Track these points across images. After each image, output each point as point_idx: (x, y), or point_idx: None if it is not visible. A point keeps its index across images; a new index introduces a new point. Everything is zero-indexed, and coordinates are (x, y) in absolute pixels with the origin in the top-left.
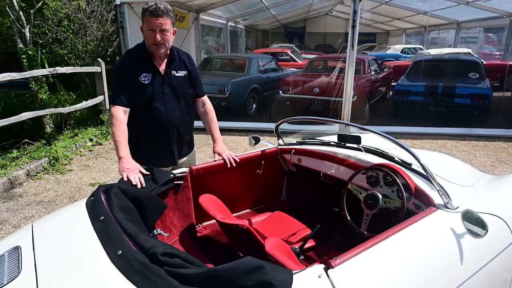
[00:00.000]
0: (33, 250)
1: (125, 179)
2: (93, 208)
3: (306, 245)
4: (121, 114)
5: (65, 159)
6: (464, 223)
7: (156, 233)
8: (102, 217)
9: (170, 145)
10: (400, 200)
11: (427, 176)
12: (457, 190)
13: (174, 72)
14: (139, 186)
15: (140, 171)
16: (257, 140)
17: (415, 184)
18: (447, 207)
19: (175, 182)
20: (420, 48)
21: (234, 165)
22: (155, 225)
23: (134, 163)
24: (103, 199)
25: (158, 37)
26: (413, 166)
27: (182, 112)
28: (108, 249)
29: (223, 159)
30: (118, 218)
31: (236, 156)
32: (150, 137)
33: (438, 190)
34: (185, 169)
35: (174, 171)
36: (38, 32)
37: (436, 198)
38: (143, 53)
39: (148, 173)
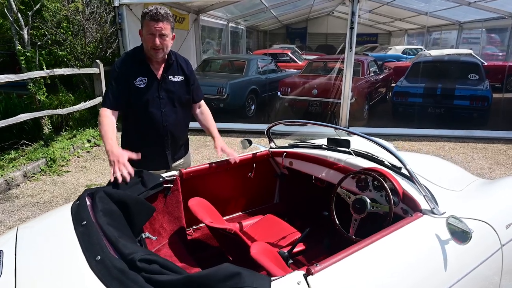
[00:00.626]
0: (15, 254)
1: (112, 178)
2: (77, 213)
3: (296, 249)
4: (108, 114)
5: (63, 160)
6: (449, 229)
7: (144, 236)
8: (85, 222)
9: (164, 149)
10: (388, 204)
11: (412, 180)
12: (446, 195)
13: (171, 77)
14: (120, 180)
15: (128, 168)
16: (249, 143)
17: (403, 189)
18: (433, 213)
19: (164, 185)
20: (421, 49)
21: (237, 161)
22: (143, 228)
23: (120, 151)
24: (87, 204)
25: (157, 41)
26: (402, 170)
27: (177, 117)
28: (87, 254)
29: (228, 153)
30: (100, 222)
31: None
32: (144, 140)
33: (424, 195)
34: (175, 172)
35: (164, 174)
36: (37, 33)
37: (424, 203)
38: (140, 56)
39: (132, 172)
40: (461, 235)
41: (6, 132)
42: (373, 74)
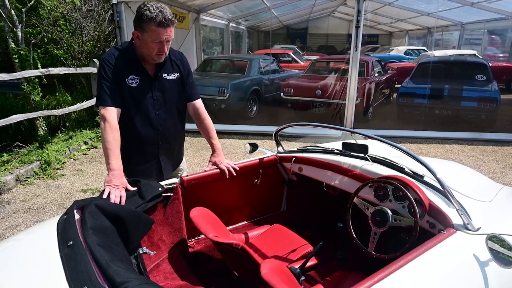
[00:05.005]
0: None
1: (105, 195)
2: (64, 230)
3: (307, 264)
4: (113, 118)
5: (58, 163)
6: (490, 249)
7: (141, 251)
8: (71, 242)
9: (157, 156)
10: (412, 217)
11: (443, 192)
12: (476, 207)
13: (165, 75)
14: (117, 202)
15: (126, 189)
16: (255, 147)
17: (429, 200)
18: (467, 229)
19: (164, 195)
20: (424, 50)
21: (234, 174)
22: (141, 243)
23: (123, 180)
24: (76, 219)
25: (166, 48)
26: (425, 178)
27: (174, 119)
28: (72, 284)
29: (220, 169)
30: (89, 243)
31: (235, 164)
32: (135, 146)
33: (457, 209)
34: (176, 180)
35: (163, 183)
36: (33, 32)
37: (454, 217)
38: (131, 55)
39: (135, 188)
40: (505, 256)
41: (4, 132)
42: (377, 74)
